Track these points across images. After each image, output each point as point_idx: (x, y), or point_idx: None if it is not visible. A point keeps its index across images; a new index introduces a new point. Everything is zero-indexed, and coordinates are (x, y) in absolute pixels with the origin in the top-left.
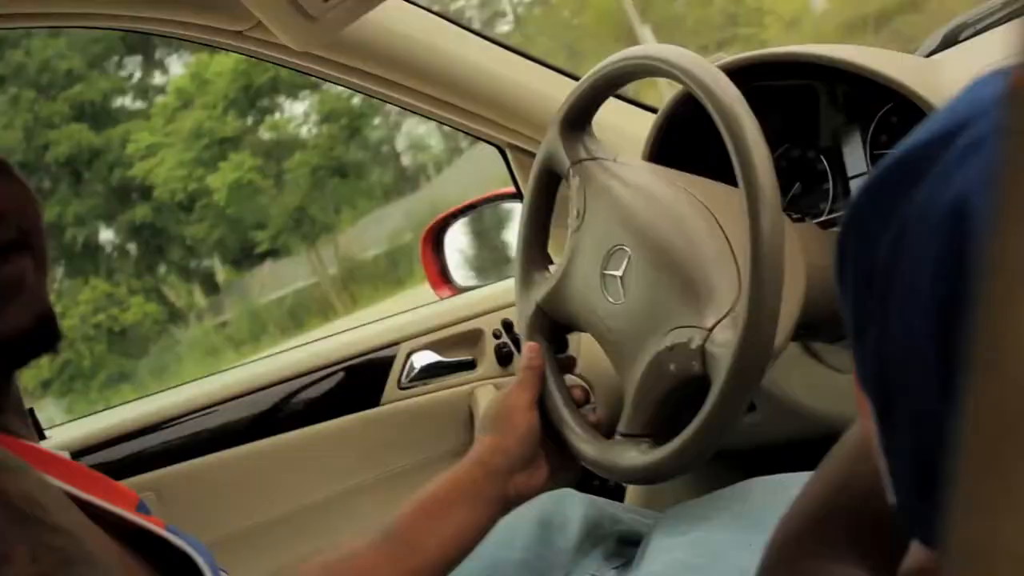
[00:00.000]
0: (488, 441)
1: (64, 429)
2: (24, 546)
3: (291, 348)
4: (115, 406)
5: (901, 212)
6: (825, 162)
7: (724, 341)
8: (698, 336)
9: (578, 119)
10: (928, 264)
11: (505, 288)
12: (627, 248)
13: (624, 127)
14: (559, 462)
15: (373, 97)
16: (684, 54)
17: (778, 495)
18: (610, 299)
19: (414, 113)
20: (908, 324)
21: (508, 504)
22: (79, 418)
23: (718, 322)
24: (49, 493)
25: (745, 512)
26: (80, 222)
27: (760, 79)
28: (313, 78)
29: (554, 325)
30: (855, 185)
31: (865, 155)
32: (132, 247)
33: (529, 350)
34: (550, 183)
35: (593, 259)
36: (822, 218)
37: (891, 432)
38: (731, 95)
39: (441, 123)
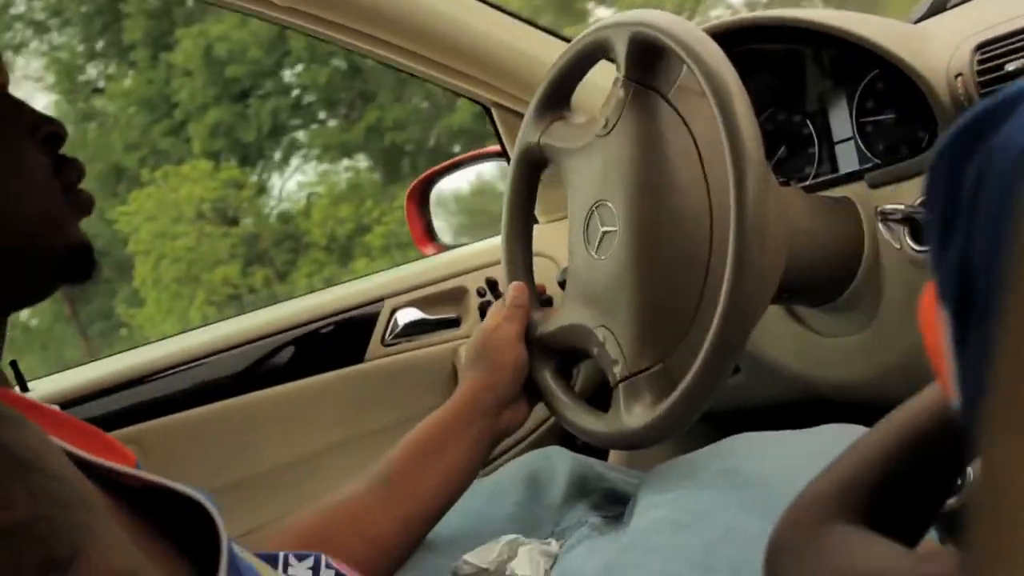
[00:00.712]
0: (475, 379)
1: (47, 381)
2: (23, 490)
3: (278, 303)
4: (99, 359)
5: (987, 147)
6: (811, 126)
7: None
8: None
9: (552, 102)
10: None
11: (490, 246)
12: (610, 204)
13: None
14: (538, 395)
15: (358, 52)
16: (672, 20)
17: (760, 451)
18: (595, 255)
19: (399, 70)
20: (989, 238)
21: (497, 441)
22: (61, 371)
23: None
24: (47, 444)
25: (729, 469)
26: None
27: (746, 43)
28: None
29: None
30: (840, 149)
31: (851, 120)
32: None
33: (515, 288)
34: (531, 171)
35: (579, 219)
36: (807, 182)
37: (965, 331)
38: (718, 60)
39: (426, 80)
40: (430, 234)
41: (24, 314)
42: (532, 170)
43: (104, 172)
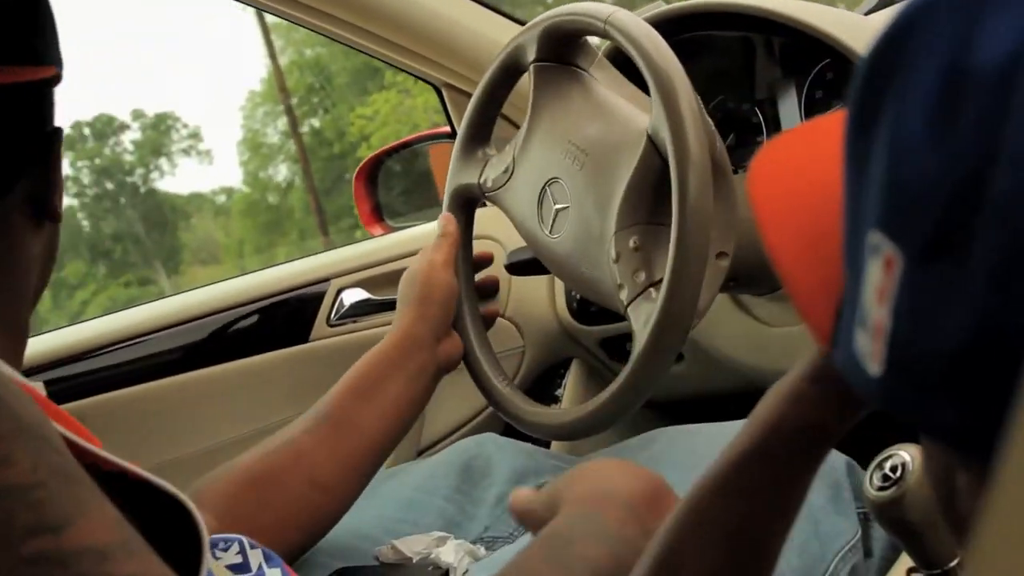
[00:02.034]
0: (410, 311)
1: None
2: (26, 454)
3: (221, 280)
4: (39, 334)
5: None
6: (760, 114)
7: (647, 302)
8: (625, 289)
9: (475, 137)
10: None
11: (436, 228)
12: (555, 177)
13: None
14: None
15: (304, 27)
16: (614, 11)
17: (681, 443)
18: (556, 235)
19: (350, 47)
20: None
21: (439, 373)
22: None
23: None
24: (48, 421)
25: (651, 458)
26: None
27: (695, 29)
28: None
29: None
30: None
31: (800, 109)
32: None
33: (444, 219)
34: (467, 207)
35: (527, 219)
36: None
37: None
38: (663, 53)
39: (376, 59)
40: (378, 214)
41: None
42: (466, 210)
43: (358, 68)
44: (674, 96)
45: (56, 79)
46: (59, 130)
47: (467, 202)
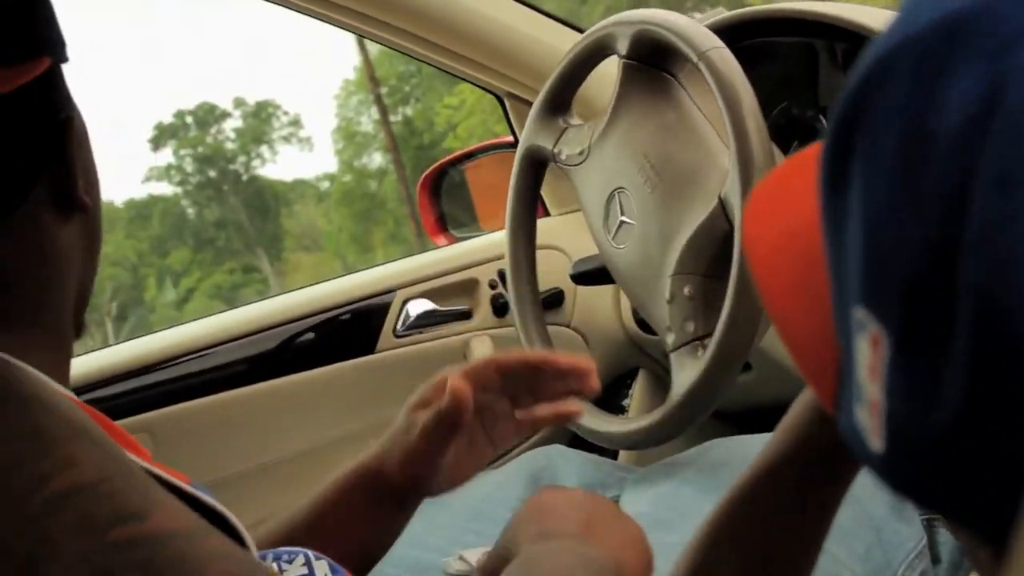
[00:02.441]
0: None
1: None
2: (88, 454)
3: (289, 291)
4: (110, 345)
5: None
6: (824, 121)
7: (691, 357)
8: (673, 334)
9: (556, 104)
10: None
11: (502, 238)
12: (624, 188)
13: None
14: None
15: (368, 38)
16: (677, 19)
17: (738, 453)
18: (618, 245)
19: (412, 57)
20: None
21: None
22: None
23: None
24: (97, 426)
25: (707, 468)
26: None
27: (758, 36)
28: None
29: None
30: None
31: None
32: None
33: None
34: (534, 171)
35: (594, 216)
36: None
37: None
38: (729, 65)
39: (439, 69)
40: (442, 224)
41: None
42: (536, 171)
43: None
44: (750, 172)
45: (55, 67)
46: (71, 117)
47: (538, 163)
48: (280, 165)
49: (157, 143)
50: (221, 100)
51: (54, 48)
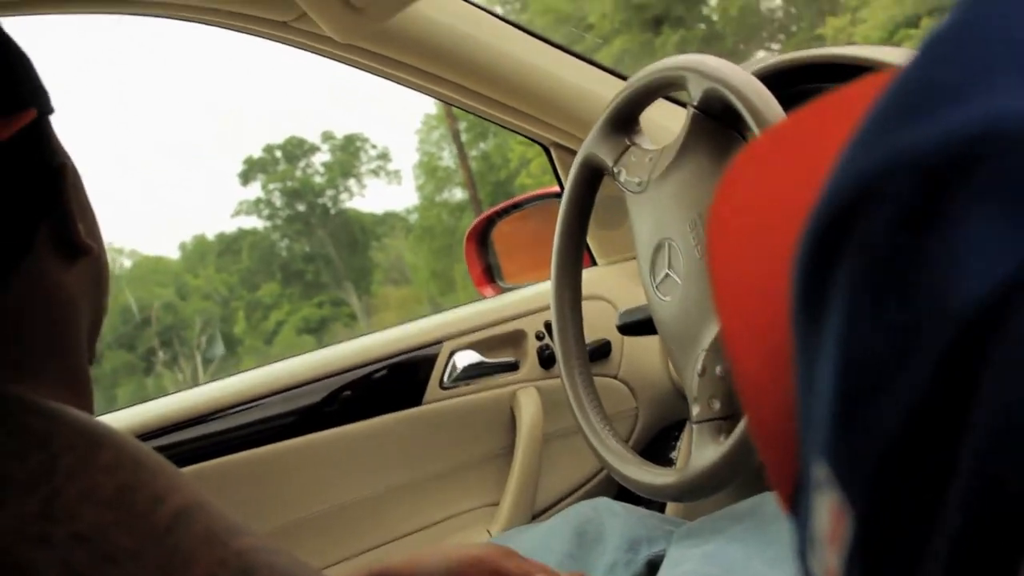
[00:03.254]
0: None
1: (107, 418)
2: (182, 482)
3: (335, 344)
4: (158, 397)
5: None
6: None
7: (712, 439)
8: (698, 407)
9: (620, 122)
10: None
11: (548, 289)
12: (673, 241)
13: (667, 124)
14: None
15: (417, 91)
16: (718, 62)
17: None
18: (661, 296)
19: (458, 108)
20: None
21: None
22: (118, 409)
23: None
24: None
25: (759, 524)
26: None
27: (804, 82)
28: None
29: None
30: None
31: None
32: None
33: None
34: (590, 182)
35: (642, 255)
36: None
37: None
38: (767, 102)
39: (486, 119)
40: (489, 276)
41: None
42: (591, 181)
43: None
44: None
45: (41, 117)
46: (64, 164)
47: (594, 173)
48: (368, 198)
49: (247, 177)
50: (309, 134)
51: (38, 100)
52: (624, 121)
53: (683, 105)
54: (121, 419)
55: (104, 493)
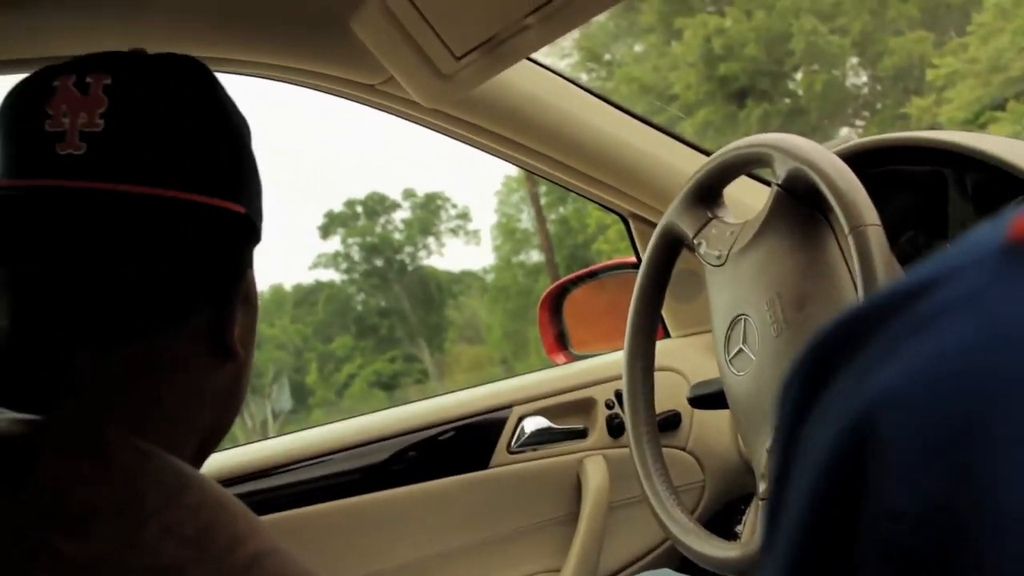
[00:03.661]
0: None
1: None
2: (261, 526)
3: (407, 403)
4: (223, 450)
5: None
6: None
7: None
8: (764, 483)
9: (703, 194)
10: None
11: (620, 359)
12: (749, 317)
13: (745, 199)
14: None
15: (498, 157)
16: (804, 143)
17: None
18: (734, 370)
19: (538, 176)
20: None
21: None
22: None
23: None
24: None
25: None
26: None
27: (887, 164)
28: None
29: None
30: None
31: None
32: None
33: None
34: (669, 252)
35: (718, 328)
36: None
37: None
38: (880, 248)
39: (565, 188)
40: (561, 343)
41: None
42: (669, 252)
43: None
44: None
45: (247, 224)
46: (245, 272)
47: (674, 244)
48: (446, 257)
49: (327, 231)
50: (391, 191)
51: (250, 204)
52: (707, 194)
53: (765, 182)
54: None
55: (186, 530)
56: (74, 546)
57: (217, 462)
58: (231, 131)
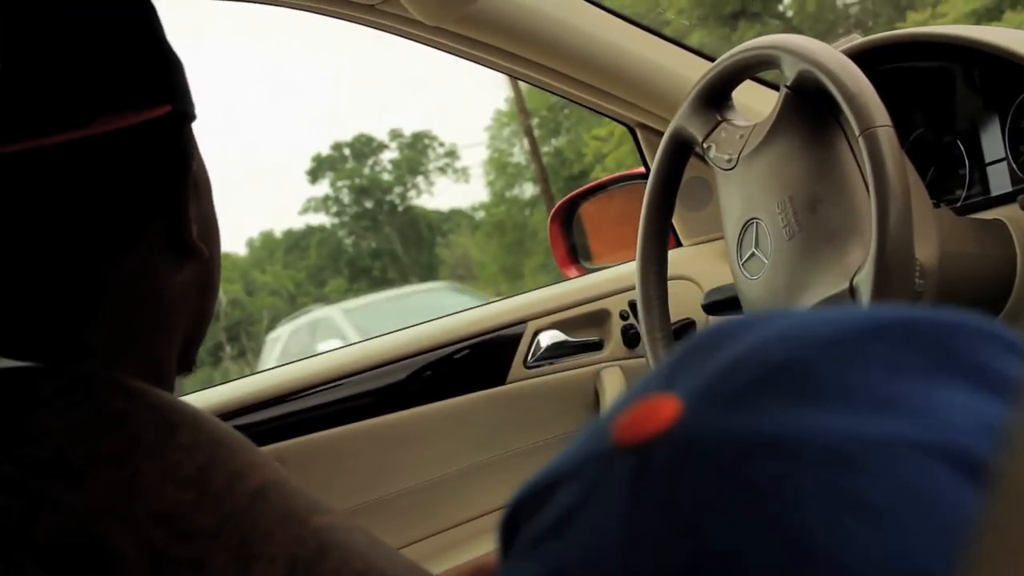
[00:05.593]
0: None
1: (192, 398)
2: (265, 459)
3: (420, 323)
4: (241, 377)
5: None
6: (962, 147)
7: None
8: None
9: (711, 97)
10: None
11: (633, 269)
12: (761, 220)
13: (752, 104)
14: None
15: (503, 72)
16: (812, 44)
17: None
18: (747, 274)
19: (542, 89)
20: None
21: None
22: (204, 388)
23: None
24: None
25: None
26: None
27: (894, 60)
28: None
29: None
30: (992, 171)
31: (1003, 140)
32: None
33: None
34: (678, 157)
35: (730, 233)
36: (958, 204)
37: None
38: (891, 149)
39: (570, 100)
40: (573, 256)
41: None
42: (679, 156)
43: None
44: (887, 272)
45: (177, 117)
46: (191, 167)
47: (683, 149)
48: (435, 196)
49: (315, 175)
50: (378, 132)
51: (178, 101)
52: (716, 97)
53: (773, 87)
54: (203, 399)
55: (183, 471)
56: (74, 496)
57: (234, 390)
58: (137, 28)
